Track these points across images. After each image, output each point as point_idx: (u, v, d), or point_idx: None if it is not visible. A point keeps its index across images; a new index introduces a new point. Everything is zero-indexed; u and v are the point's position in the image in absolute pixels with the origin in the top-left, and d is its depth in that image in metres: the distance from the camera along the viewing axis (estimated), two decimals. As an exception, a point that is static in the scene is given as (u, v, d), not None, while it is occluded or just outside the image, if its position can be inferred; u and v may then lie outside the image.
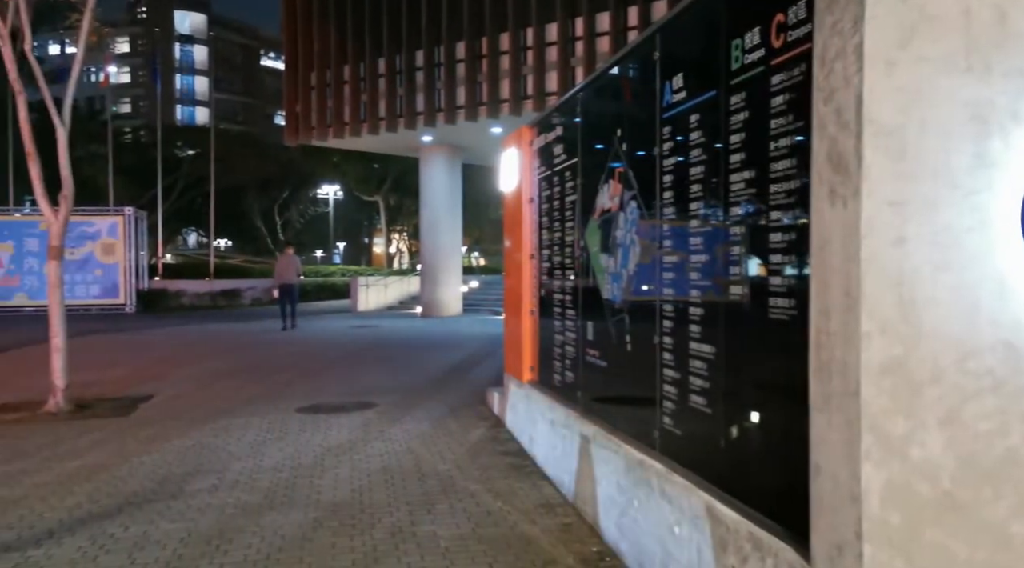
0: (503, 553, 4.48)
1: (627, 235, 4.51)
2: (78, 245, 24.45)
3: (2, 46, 8.74)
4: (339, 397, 9.56)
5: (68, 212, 9.06)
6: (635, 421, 4.37)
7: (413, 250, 54.92)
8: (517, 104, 19.41)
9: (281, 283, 19.09)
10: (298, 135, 24.01)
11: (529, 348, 7.07)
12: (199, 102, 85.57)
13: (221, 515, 5.17)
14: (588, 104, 5.49)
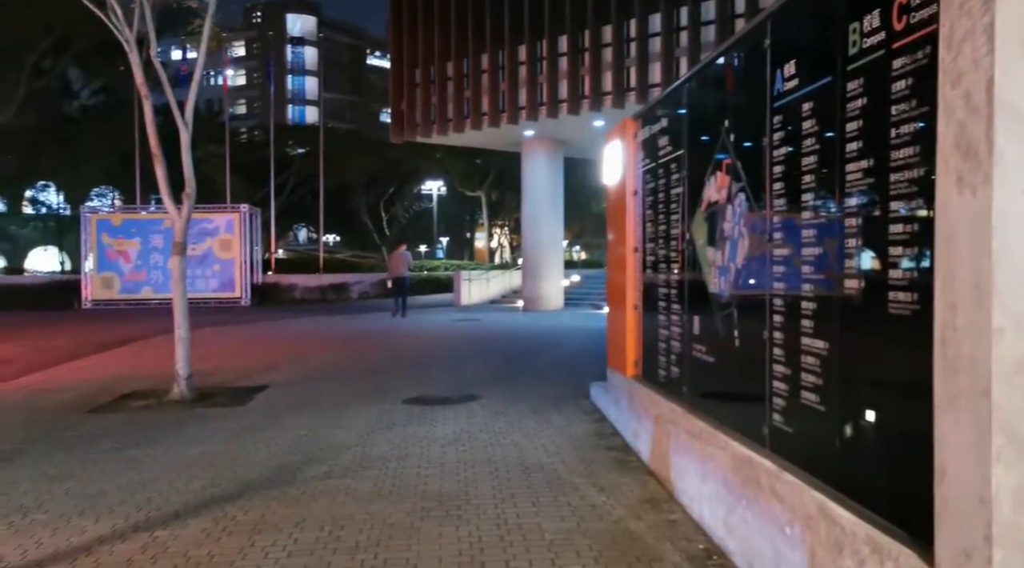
0: (608, 548, 4.46)
1: (735, 228, 4.42)
2: (198, 241, 25.65)
3: (129, 53, 9.24)
4: (444, 389, 9.72)
5: (190, 210, 9.52)
6: (743, 418, 4.27)
7: (515, 244, 55.28)
8: (620, 97, 19.24)
9: (394, 276, 21.80)
10: (403, 132, 24.49)
11: (633, 342, 7.01)
12: (309, 102, 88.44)
13: (333, 502, 5.34)
14: (694, 95, 5.40)
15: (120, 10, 9.04)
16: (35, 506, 5.33)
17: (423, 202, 55.04)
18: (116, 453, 6.70)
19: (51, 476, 6.06)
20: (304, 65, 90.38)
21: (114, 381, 10.51)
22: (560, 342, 15.12)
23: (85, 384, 10.40)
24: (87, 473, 6.13)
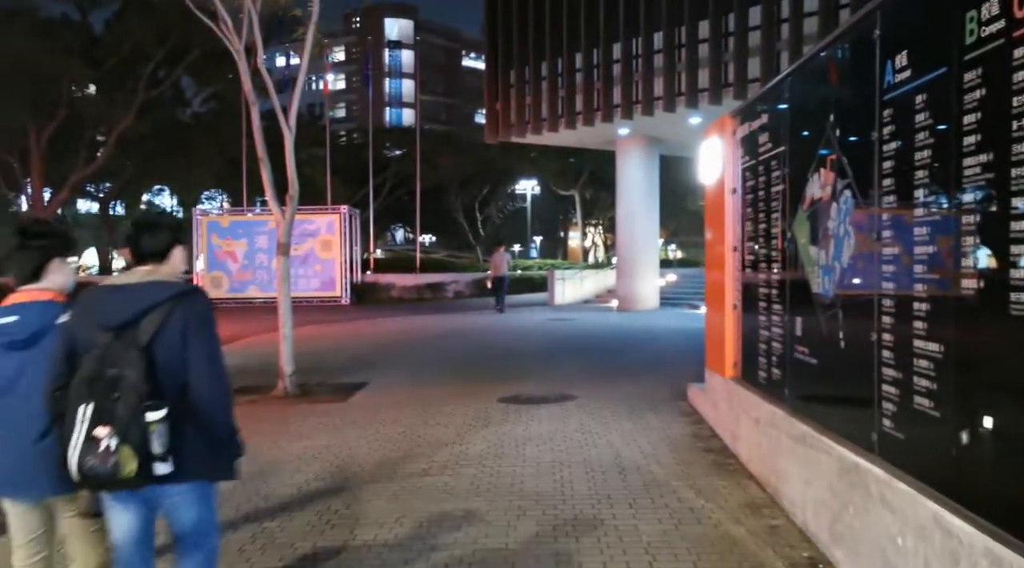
0: (707, 552, 4.39)
1: (840, 226, 4.27)
2: (301, 242, 26.45)
3: (238, 62, 9.62)
4: (538, 388, 9.75)
5: (294, 211, 9.84)
6: (850, 422, 4.13)
7: (609, 243, 54.93)
8: (717, 93, 18.89)
9: (496, 275, 23.49)
10: (498, 133, 24.68)
11: (732, 343, 6.87)
12: (406, 104, 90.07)
13: (431, 498, 5.43)
14: (797, 89, 5.24)
15: (230, 21, 9.42)
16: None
17: (517, 202, 55.31)
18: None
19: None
20: (401, 68, 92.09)
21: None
22: (655, 342, 14.95)
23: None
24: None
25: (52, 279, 3.19)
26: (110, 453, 2.63)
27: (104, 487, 2.81)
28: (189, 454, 2.81)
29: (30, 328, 3.05)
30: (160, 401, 2.72)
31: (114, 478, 2.66)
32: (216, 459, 2.97)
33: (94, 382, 2.69)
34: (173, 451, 2.74)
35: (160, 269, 3.00)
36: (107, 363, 2.71)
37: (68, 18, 32.95)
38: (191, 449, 2.82)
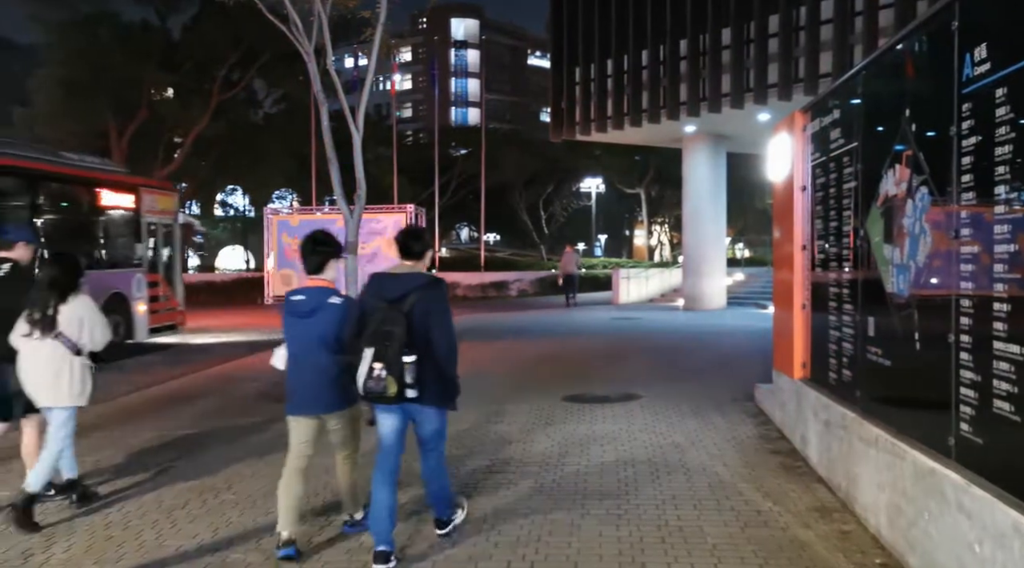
0: (775, 556, 4.31)
1: (916, 223, 4.15)
2: (367, 240, 26.80)
3: (308, 63, 9.81)
4: (602, 387, 9.70)
5: (361, 210, 10.00)
6: (925, 426, 4.01)
7: (675, 242, 54.36)
8: (787, 89, 18.49)
9: (566, 273, 24.98)
10: (563, 131, 24.62)
11: (801, 343, 6.73)
12: (471, 103, 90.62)
13: (494, 496, 5.46)
14: (870, 84, 5.11)
15: (301, 24, 9.62)
16: (226, 487, 5.77)
17: (581, 200, 55.12)
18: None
19: (240, 459, 6.53)
20: (467, 67, 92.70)
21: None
22: (722, 342, 14.73)
23: (267, 374, 11.12)
24: (272, 457, 6.55)
25: (328, 273, 4.69)
26: (381, 379, 4.11)
27: (376, 401, 4.27)
28: (428, 387, 4.22)
29: (311, 305, 4.55)
30: (412, 349, 4.13)
31: (383, 395, 4.15)
32: (444, 393, 4.38)
33: (375, 335, 4.15)
34: (418, 383, 4.15)
35: (417, 265, 4.50)
36: (384, 323, 4.15)
37: (148, 23, 34.07)
38: (429, 383, 4.23)
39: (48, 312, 5.13)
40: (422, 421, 4.46)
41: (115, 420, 8.13)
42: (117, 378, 10.71)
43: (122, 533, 4.85)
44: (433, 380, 4.26)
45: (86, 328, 5.24)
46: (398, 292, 4.27)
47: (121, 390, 9.84)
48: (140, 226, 14.58)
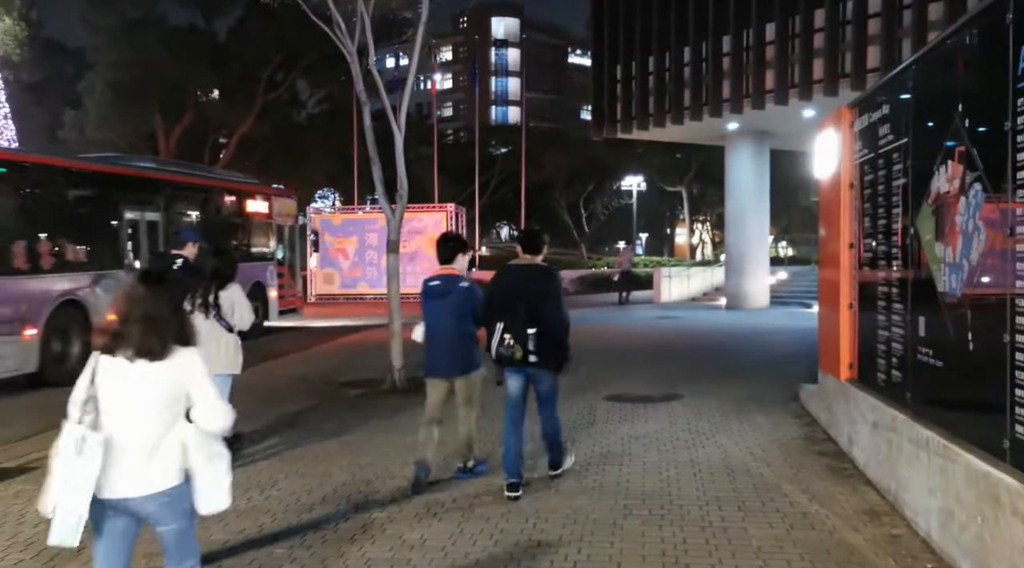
0: (822, 560, 4.25)
1: (969, 221, 4.05)
2: (408, 239, 26.94)
3: (351, 63, 9.89)
4: (644, 387, 9.64)
5: (403, 209, 10.05)
6: (978, 429, 3.92)
7: (717, 240, 53.81)
8: (832, 84, 18.18)
9: (621, 270, 26.51)
10: (603, 129, 24.50)
11: (848, 343, 6.62)
12: (512, 102, 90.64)
13: (537, 495, 5.45)
14: (920, 78, 5.00)
15: (344, 24, 9.69)
16: (271, 484, 5.84)
17: (622, 198, 54.85)
18: (338, 438, 7.20)
19: (283, 456, 6.61)
20: (507, 66, 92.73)
21: (334, 370, 11.29)
22: (766, 342, 14.55)
23: (311, 373, 11.26)
24: (313, 455, 6.63)
25: (457, 263, 5.85)
26: (510, 347, 5.25)
27: (507, 364, 5.39)
28: (544, 354, 5.31)
29: (445, 288, 5.69)
30: (534, 323, 5.25)
31: (512, 360, 5.29)
32: (557, 359, 5.48)
33: (506, 312, 5.31)
34: (538, 351, 5.26)
35: (535, 258, 5.66)
36: (512, 303, 5.30)
37: (194, 27, 34.66)
38: (546, 351, 5.31)
39: (210, 297, 6.23)
40: (539, 381, 5.55)
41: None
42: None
43: (171, 527, 4.94)
44: (549, 349, 5.34)
45: (236, 311, 6.32)
46: (522, 279, 5.51)
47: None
48: (271, 227, 17.70)
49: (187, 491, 3.07)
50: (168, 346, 3.01)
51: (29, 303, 10.26)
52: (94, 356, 3.06)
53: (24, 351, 10.05)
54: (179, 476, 3.05)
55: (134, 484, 2.96)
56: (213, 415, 3.07)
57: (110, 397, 2.98)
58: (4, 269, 9.98)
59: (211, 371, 3.18)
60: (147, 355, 2.98)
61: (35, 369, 10.26)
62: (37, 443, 7.11)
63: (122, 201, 12.70)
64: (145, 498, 2.98)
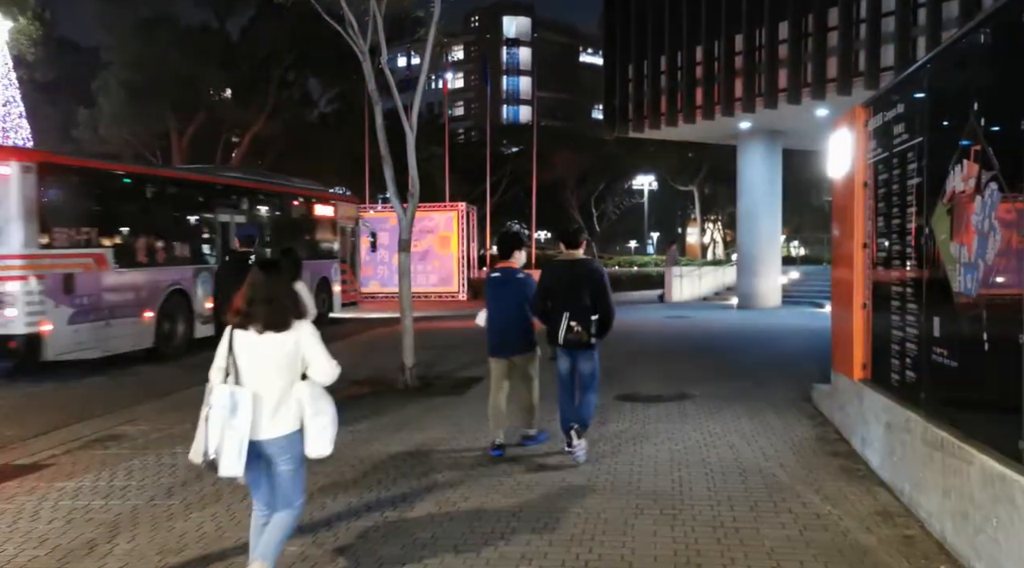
0: (835, 561, 4.22)
1: (985, 221, 4.02)
2: (420, 238, 26.96)
3: (363, 62, 9.91)
4: (655, 387, 9.62)
5: (414, 208, 10.06)
6: (994, 430, 3.89)
7: (728, 239, 53.65)
8: (846, 83, 18.09)
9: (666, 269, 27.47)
10: (615, 128, 24.47)
11: (861, 343, 6.58)
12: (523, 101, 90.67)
13: (548, 494, 5.45)
14: (937, 77, 4.97)
15: (356, 23, 9.71)
16: (282, 480, 5.85)
17: (634, 198, 54.75)
18: (351, 435, 7.20)
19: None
20: (519, 65, 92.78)
21: (347, 368, 11.29)
22: (777, 341, 14.49)
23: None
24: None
25: (514, 257, 6.72)
26: (578, 332, 6.09)
27: (573, 347, 6.20)
28: (600, 336, 6.20)
29: (504, 279, 6.63)
30: (593, 311, 6.12)
31: (579, 343, 6.14)
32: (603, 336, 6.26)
33: (568, 301, 6.13)
34: (596, 334, 6.15)
35: (578, 253, 6.41)
36: (574, 295, 6.13)
37: (207, 26, 34.77)
38: (602, 335, 6.20)
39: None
40: (584, 361, 6.28)
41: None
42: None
43: (184, 524, 4.96)
44: (604, 332, 6.22)
45: (307, 304, 6.70)
46: (576, 273, 6.23)
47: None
48: (336, 228, 19.33)
49: (301, 437, 3.84)
50: (288, 320, 3.80)
51: (147, 291, 12.36)
52: (228, 330, 3.85)
53: (144, 330, 12.20)
54: (296, 424, 3.83)
55: (265, 429, 3.75)
56: (325, 371, 3.87)
57: (245, 362, 3.78)
58: (129, 263, 12.08)
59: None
60: (271, 328, 3.77)
61: (151, 345, 12.33)
62: (51, 440, 7.18)
63: (216, 206, 14.69)
64: (271, 440, 3.77)
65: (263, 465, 3.83)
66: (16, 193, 10.26)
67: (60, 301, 10.67)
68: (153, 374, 11.31)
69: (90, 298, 11.23)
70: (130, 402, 8.98)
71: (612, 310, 6.21)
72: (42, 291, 10.41)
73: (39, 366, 10.83)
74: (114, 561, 4.40)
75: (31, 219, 10.37)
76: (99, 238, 11.58)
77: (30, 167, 10.46)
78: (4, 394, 9.93)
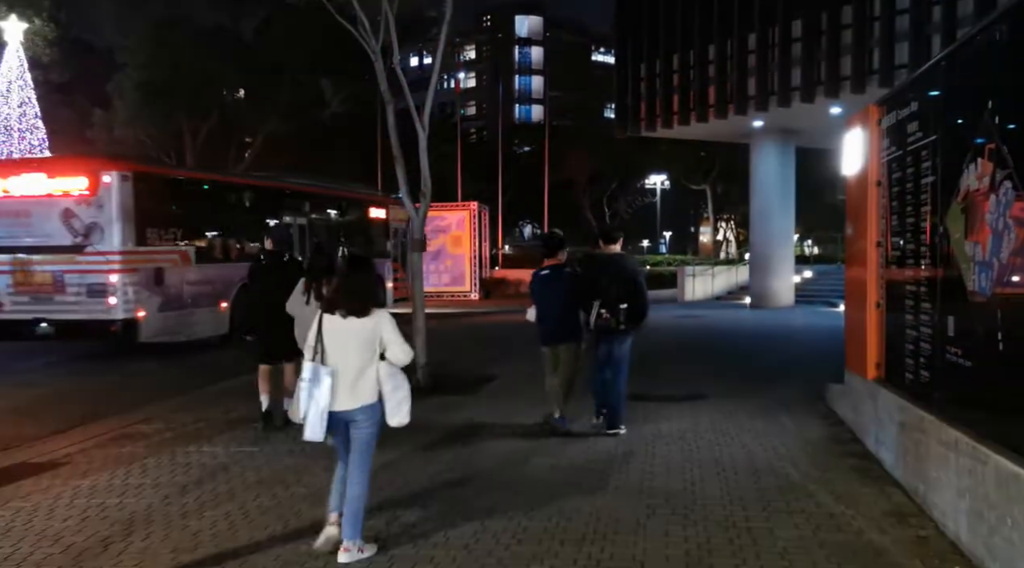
0: (849, 562, 4.21)
1: (999, 219, 3.99)
2: (432, 237, 26.95)
3: (375, 62, 9.93)
4: (668, 386, 9.60)
5: (427, 208, 10.07)
6: (1009, 429, 3.86)
7: (741, 239, 53.47)
8: (860, 81, 18.01)
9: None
10: (627, 127, 24.43)
11: (874, 343, 6.55)
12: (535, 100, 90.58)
13: (559, 494, 5.44)
14: (950, 75, 4.93)
15: (368, 23, 9.73)
16: (295, 481, 5.88)
17: (646, 197, 54.65)
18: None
19: (308, 453, 6.63)
20: (531, 64, 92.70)
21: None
22: (791, 341, 14.43)
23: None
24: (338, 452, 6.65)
25: (559, 256, 7.34)
26: (607, 319, 6.90)
27: (602, 332, 7.04)
28: (629, 323, 6.99)
29: (553, 276, 7.26)
30: (622, 300, 6.91)
31: (608, 329, 6.96)
32: (636, 325, 7.11)
33: (600, 292, 6.92)
34: (626, 321, 6.94)
35: (614, 248, 7.26)
36: (606, 285, 6.93)
37: (221, 27, 34.89)
38: (630, 321, 6.99)
39: (322, 286, 7.05)
40: (616, 346, 7.12)
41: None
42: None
43: (198, 523, 4.99)
44: (635, 319, 7.03)
45: None
46: (610, 266, 7.11)
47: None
48: (388, 229, 20.82)
49: (380, 408, 4.43)
50: (367, 308, 4.42)
51: (223, 284, 13.82)
52: (319, 314, 4.49)
53: (220, 319, 13.78)
54: (374, 397, 4.42)
55: (348, 400, 4.36)
56: (400, 354, 4.45)
57: (331, 342, 4.38)
58: (208, 259, 13.86)
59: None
60: (353, 314, 4.39)
61: (226, 332, 13.77)
62: (66, 439, 7.23)
63: (281, 209, 16.40)
64: (354, 410, 4.38)
65: (345, 430, 4.43)
66: (115, 199, 11.95)
67: (152, 292, 12.43)
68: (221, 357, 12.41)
69: (176, 290, 12.92)
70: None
71: (644, 301, 7.08)
72: (137, 283, 12.19)
73: (134, 348, 12.52)
74: (128, 559, 4.43)
75: (128, 221, 12.06)
76: (183, 238, 13.32)
77: (127, 176, 12.18)
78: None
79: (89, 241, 11.98)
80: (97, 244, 11.95)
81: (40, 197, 12.19)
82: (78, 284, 11.99)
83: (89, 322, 12.03)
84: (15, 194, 12.38)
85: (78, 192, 12.04)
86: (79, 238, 12.00)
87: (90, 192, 11.97)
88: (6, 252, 12.24)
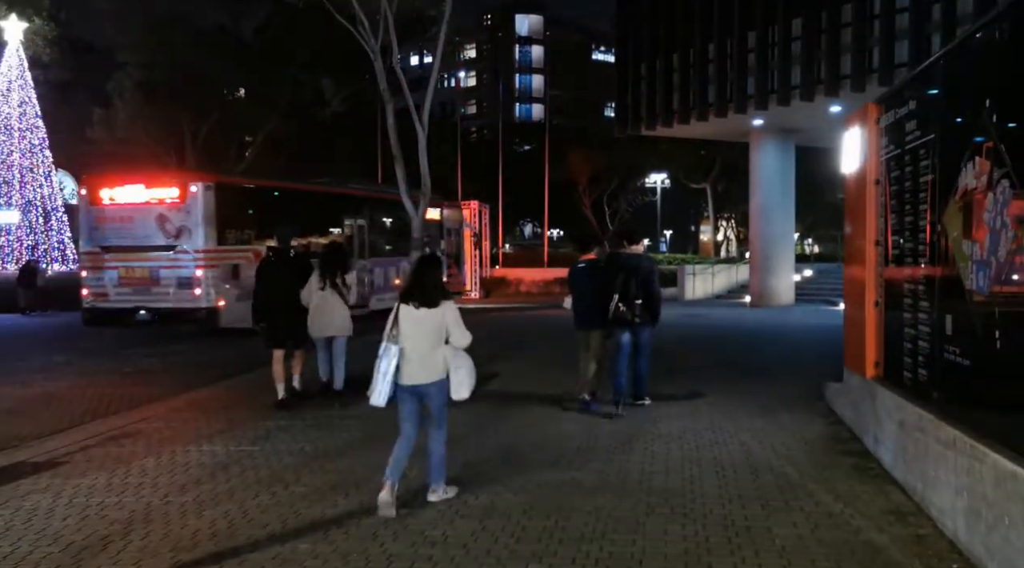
0: (847, 560, 4.21)
1: (997, 218, 3.99)
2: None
3: (375, 62, 9.94)
4: (667, 385, 9.57)
5: (426, 207, 10.09)
6: (1007, 428, 3.86)
7: (741, 238, 53.42)
8: (860, 79, 18.00)
9: None
10: (628, 126, 24.43)
11: (873, 341, 6.55)
12: (535, 99, 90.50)
13: (558, 492, 5.45)
14: (949, 73, 4.93)
15: (368, 23, 9.74)
16: (295, 480, 5.88)
17: (646, 195, 54.56)
18: (362, 434, 7.23)
19: (308, 452, 6.66)
20: (531, 63, 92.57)
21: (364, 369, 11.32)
22: (790, 340, 14.44)
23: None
24: (337, 451, 6.67)
25: (593, 251, 8.36)
26: (624, 312, 7.83)
27: (620, 324, 7.96)
28: (644, 316, 7.94)
29: (589, 269, 8.15)
30: (639, 296, 7.84)
31: (624, 321, 7.90)
32: (652, 319, 8.12)
33: (620, 287, 7.82)
34: (640, 315, 7.88)
35: (637, 249, 8.24)
36: (625, 281, 7.81)
37: (223, 26, 34.89)
38: (645, 315, 7.94)
39: (335, 277, 8.32)
40: (640, 334, 8.10)
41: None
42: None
43: (197, 522, 4.99)
44: (647, 312, 7.95)
45: (353, 290, 8.78)
46: (629, 264, 7.94)
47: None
48: (443, 229, 22.70)
49: (447, 383, 5.23)
50: (436, 300, 5.24)
51: None
52: (397, 303, 5.32)
53: None
54: (442, 374, 5.23)
55: (421, 375, 5.20)
56: (460, 338, 5.29)
57: (405, 327, 5.21)
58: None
59: (328, 333, 8.06)
60: (425, 305, 5.22)
61: None
62: (66, 438, 7.24)
63: (342, 211, 18.38)
64: (426, 385, 5.21)
65: (417, 403, 5.27)
66: (200, 206, 14.17)
67: (230, 284, 14.36)
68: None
69: (250, 283, 14.52)
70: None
71: (656, 296, 8.08)
72: (218, 277, 14.26)
73: (216, 331, 14.41)
74: (127, 558, 4.44)
75: (211, 224, 14.25)
76: (256, 238, 14.94)
77: (210, 186, 14.40)
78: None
79: (179, 241, 14.13)
80: (185, 244, 14.09)
81: (139, 204, 14.46)
82: (170, 278, 14.17)
83: (180, 310, 14.24)
84: (120, 202, 14.67)
85: (170, 200, 14.28)
86: (171, 239, 14.15)
87: (180, 200, 14.16)
88: (113, 251, 14.49)
